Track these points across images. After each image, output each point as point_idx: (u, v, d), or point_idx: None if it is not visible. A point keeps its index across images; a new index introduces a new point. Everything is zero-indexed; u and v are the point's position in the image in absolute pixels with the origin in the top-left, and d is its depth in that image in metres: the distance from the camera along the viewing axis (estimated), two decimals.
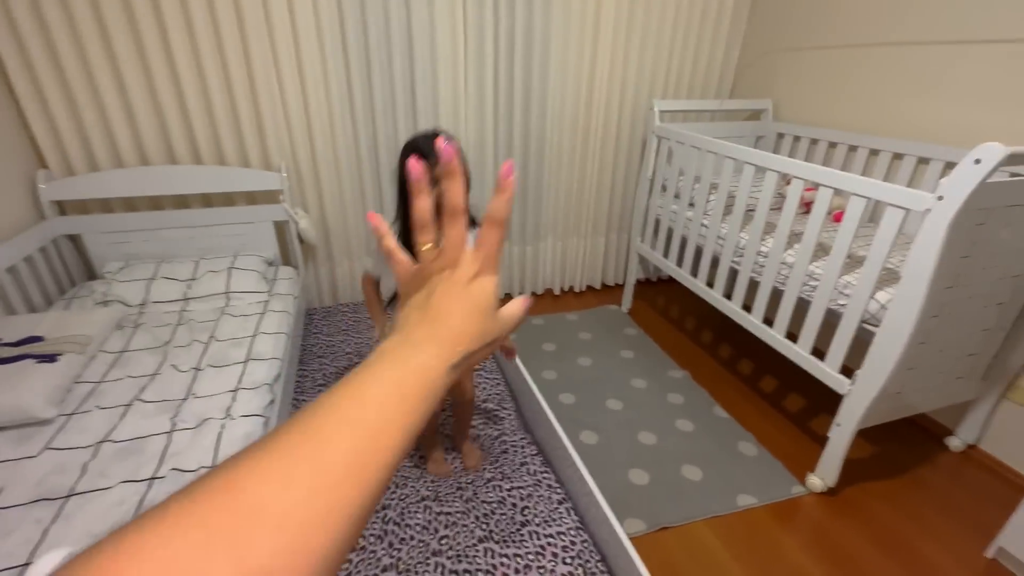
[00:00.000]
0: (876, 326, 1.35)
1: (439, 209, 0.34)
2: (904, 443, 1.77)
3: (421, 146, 1.12)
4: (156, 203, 2.01)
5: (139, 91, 1.82)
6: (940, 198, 1.15)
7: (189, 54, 1.82)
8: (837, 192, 1.43)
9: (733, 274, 1.86)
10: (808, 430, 1.83)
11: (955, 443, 1.73)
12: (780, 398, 2.00)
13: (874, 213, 1.79)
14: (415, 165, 0.34)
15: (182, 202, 2.04)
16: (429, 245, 0.35)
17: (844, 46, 2.02)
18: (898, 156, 1.84)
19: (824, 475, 1.54)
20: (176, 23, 1.76)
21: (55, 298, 1.80)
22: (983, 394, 1.63)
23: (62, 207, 1.89)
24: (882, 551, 1.39)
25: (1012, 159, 1.05)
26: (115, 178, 1.86)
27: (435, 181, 0.84)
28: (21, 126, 1.78)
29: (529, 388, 1.53)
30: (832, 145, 2.08)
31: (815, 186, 1.47)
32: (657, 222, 2.32)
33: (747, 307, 1.81)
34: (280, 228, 2.15)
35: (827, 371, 1.49)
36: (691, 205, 2.08)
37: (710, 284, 2.01)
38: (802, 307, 1.58)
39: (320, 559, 0.20)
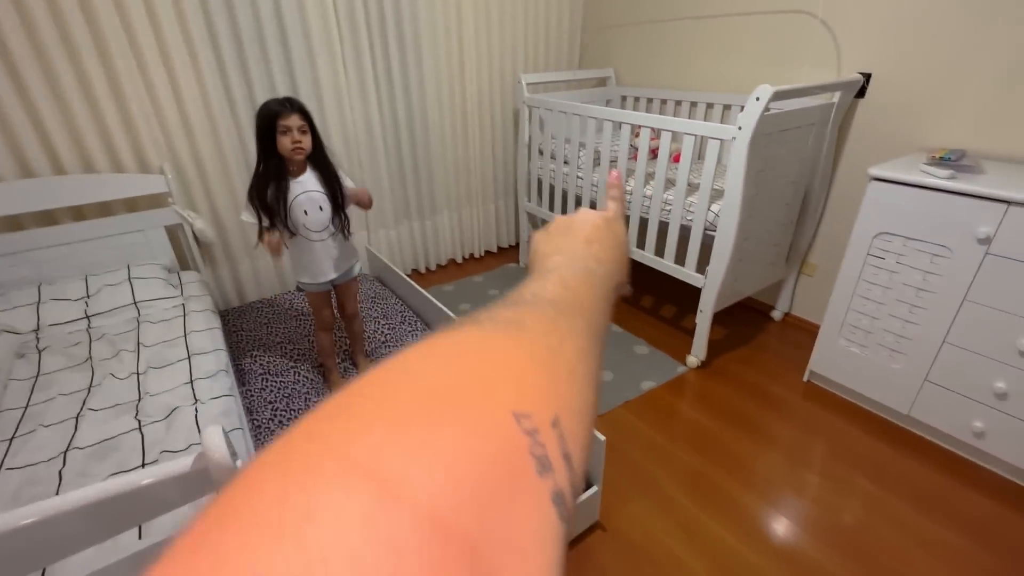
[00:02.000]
0: (714, 231, 1.81)
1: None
2: (743, 322, 2.35)
3: (273, 107, 1.33)
4: (14, 224, 1.80)
5: None
6: (740, 128, 1.60)
7: (30, 50, 1.65)
8: (674, 137, 1.86)
9: None
10: (680, 327, 2.32)
11: (776, 314, 2.34)
12: (656, 309, 2.48)
13: (700, 151, 2.30)
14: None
15: (47, 218, 1.85)
16: None
17: (665, 20, 2.50)
18: (710, 105, 2.37)
19: (697, 353, 2.02)
20: (8, 15, 1.59)
21: None
22: (788, 274, 2.24)
23: None
24: (743, 394, 1.89)
25: (777, 96, 1.52)
26: None
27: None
28: None
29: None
30: (663, 102, 2.57)
31: (658, 133, 1.89)
32: (539, 182, 2.65)
33: None
34: (172, 232, 2.06)
35: (688, 272, 1.94)
36: (565, 163, 2.44)
37: None
38: (662, 229, 2.02)
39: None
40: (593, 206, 2.31)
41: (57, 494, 1.01)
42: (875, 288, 1.63)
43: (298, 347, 1.97)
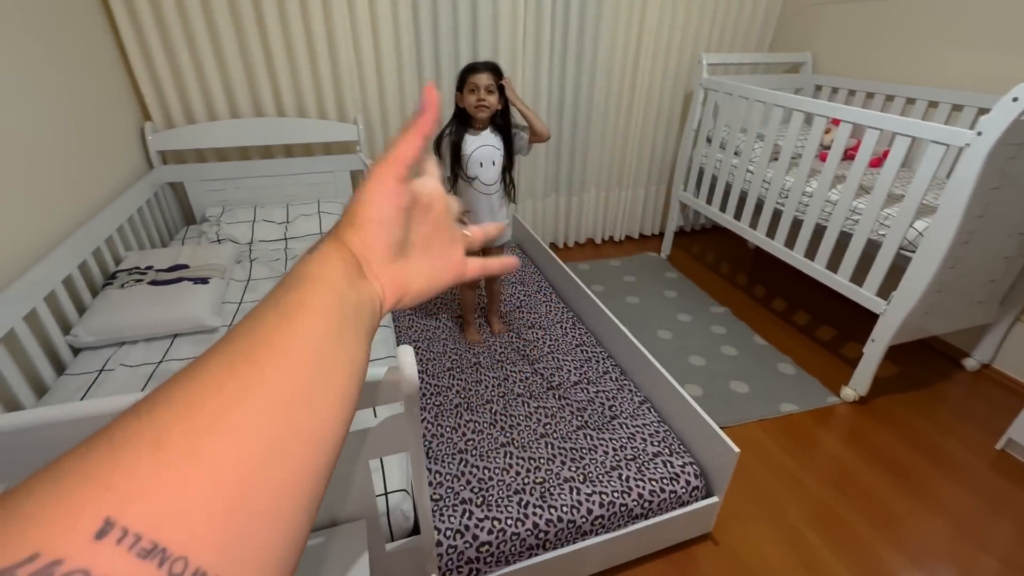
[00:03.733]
0: (912, 252, 1.55)
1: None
2: (924, 364, 2.00)
3: (471, 65, 1.46)
4: (244, 153, 2.19)
5: (231, 47, 1.96)
6: (979, 133, 1.33)
7: (276, 11, 1.95)
8: (878, 138, 1.60)
9: (776, 215, 2.05)
10: (838, 353, 2.05)
11: (971, 363, 1.95)
12: (812, 329, 2.22)
13: (907, 159, 1.96)
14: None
15: (267, 152, 2.21)
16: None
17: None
18: (933, 104, 1.99)
19: (857, 386, 1.77)
20: None
21: (166, 239, 2.01)
22: (999, 318, 1.84)
23: (164, 157, 2.07)
24: (908, 445, 1.63)
25: None
26: (211, 130, 2.03)
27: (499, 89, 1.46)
28: (130, 82, 1.94)
29: (599, 310, 1.75)
30: (869, 95, 2.23)
31: (860, 129, 1.64)
32: (701, 171, 2.49)
33: (789, 244, 2.00)
34: (354, 176, 2.33)
35: (865, 294, 1.70)
36: (736, 154, 2.25)
37: (752, 226, 2.20)
38: (842, 240, 1.78)
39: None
40: (761, 204, 2.12)
41: None
42: None
43: (444, 297, 2.13)
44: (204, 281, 1.49)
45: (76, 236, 1.42)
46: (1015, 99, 1.25)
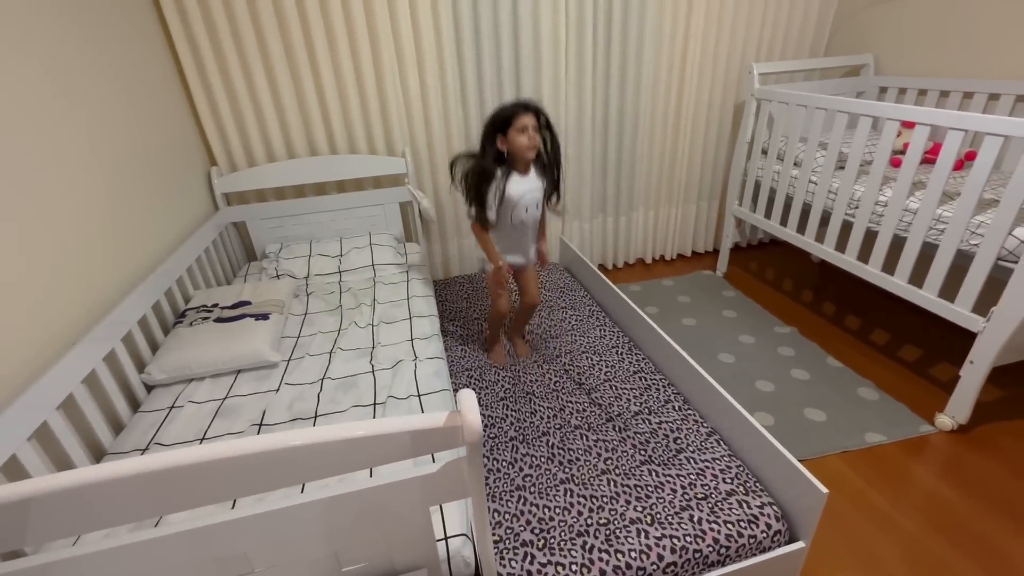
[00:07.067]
0: (1014, 263, 1.38)
1: None
2: None
3: (514, 107, 1.39)
4: (299, 191, 2.28)
5: (287, 92, 2.07)
6: None
7: (328, 57, 2.05)
8: (962, 138, 1.46)
9: (846, 227, 1.91)
10: (927, 376, 1.86)
11: None
12: (894, 349, 2.03)
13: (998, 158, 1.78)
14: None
15: (320, 189, 2.30)
16: None
17: None
18: (1021, 98, 1.81)
19: (955, 413, 1.59)
20: (319, 31, 1.99)
21: (230, 276, 2.11)
22: None
23: (227, 198, 2.19)
24: (1019, 477, 1.44)
25: None
26: (270, 171, 2.14)
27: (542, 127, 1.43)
28: (197, 129, 2.07)
29: (656, 335, 1.67)
30: (944, 94, 2.06)
31: (938, 131, 1.51)
32: (757, 184, 2.37)
33: (863, 258, 1.85)
34: (403, 208, 2.38)
35: (958, 311, 1.53)
36: (796, 165, 2.13)
37: (819, 239, 2.06)
38: (926, 252, 1.62)
39: None
40: (827, 216, 1.98)
41: (316, 413, 1.25)
42: None
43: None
44: (265, 317, 1.54)
45: (151, 278, 1.51)
46: None
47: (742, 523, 1.12)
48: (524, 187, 1.48)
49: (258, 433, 1.17)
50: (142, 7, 1.78)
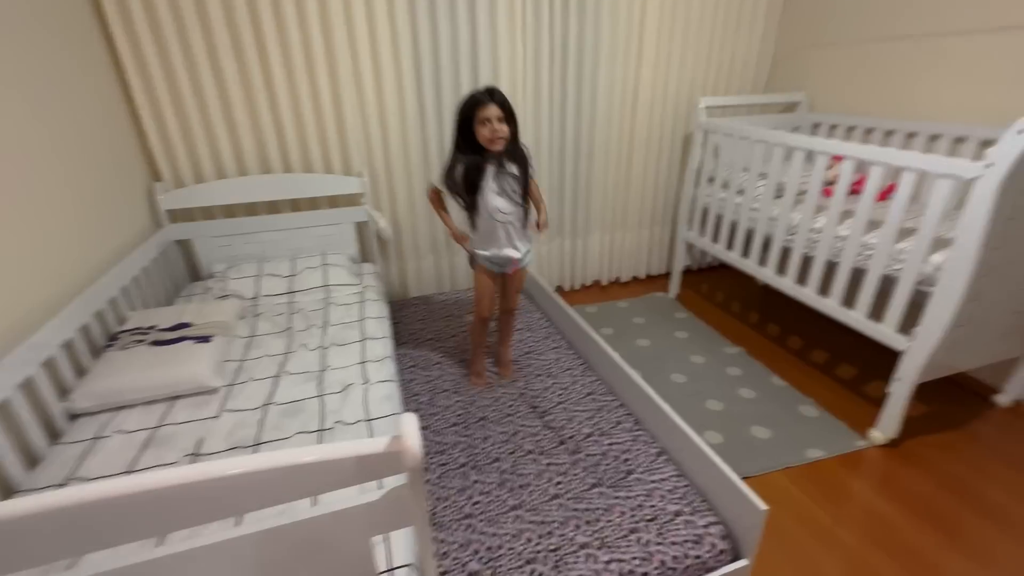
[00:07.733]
0: (932, 286, 1.50)
1: None
2: (953, 402, 1.90)
3: (476, 97, 1.42)
4: (251, 209, 2.21)
5: (240, 106, 2.02)
6: (987, 166, 1.31)
7: (283, 71, 2.02)
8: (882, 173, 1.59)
9: (785, 252, 2.02)
10: (861, 393, 1.97)
11: (1003, 399, 1.86)
12: (831, 367, 2.14)
13: (915, 191, 1.94)
14: None
15: (273, 207, 2.24)
16: None
17: (876, 39, 2.18)
18: (934, 137, 1.99)
19: (885, 429, 1.68)
20: (273, 43, 1.96)
21: (171, 296, 2.00)
22: None
23: (172, 215, 2.09)
24: (947, 491, 1.53)
25: None
26: (219, 188, 2.07)
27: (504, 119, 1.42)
28: (140, 142, 1.99)
29: (608, 357, 1.69)
30: (868, 131, 2.24)
31: (865, 167, 1.63)
32: (705, 211, 2.48)
33: (800, 281, 1.96)
34: (359, 228, 2.35)
35: (886, 331, 1.64)
36: (739, 193, 2.25)
37: (761, 263, 2.17)
38: (856, 276, 1.74)
39: None
40: (768, 241, 2.09)
41: (257, 441, 1.19)
42: None
43: (445, 345, 2.09)
44: (206, 340, 1.47)
45: (78, 299, 1.42)
46: (1020, 132, 1.24)
47: (688, 543, 1.13)
48: (491, 174, 1.49)
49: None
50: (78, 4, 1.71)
